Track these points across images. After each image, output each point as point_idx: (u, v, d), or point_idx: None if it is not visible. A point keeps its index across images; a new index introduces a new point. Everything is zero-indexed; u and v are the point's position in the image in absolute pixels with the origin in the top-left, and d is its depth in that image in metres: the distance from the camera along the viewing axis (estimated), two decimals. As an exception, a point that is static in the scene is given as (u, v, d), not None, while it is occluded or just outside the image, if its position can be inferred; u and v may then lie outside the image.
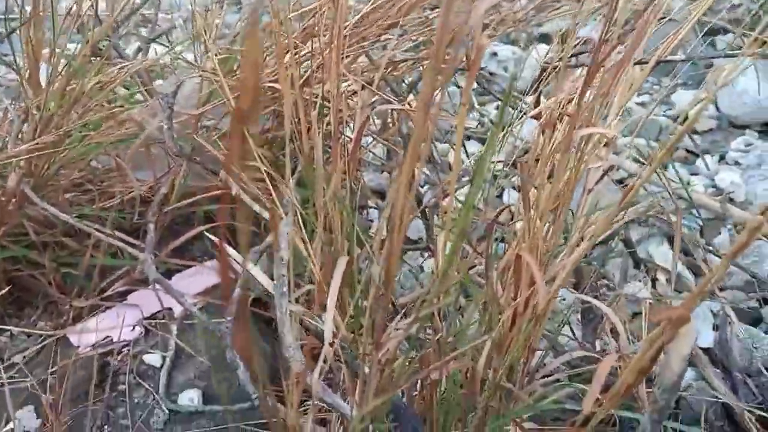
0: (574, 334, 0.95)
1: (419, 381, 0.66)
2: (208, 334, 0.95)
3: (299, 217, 0.83)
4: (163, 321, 0.99)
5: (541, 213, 0.52)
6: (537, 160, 0.86)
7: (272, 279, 0.76)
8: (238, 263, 0.85)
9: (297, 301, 0.77)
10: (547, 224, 0.53)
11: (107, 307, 1.01)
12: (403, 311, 1.01)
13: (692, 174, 1.48)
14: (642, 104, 1.81)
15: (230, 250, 0.74)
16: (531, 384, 0.67)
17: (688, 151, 1.58)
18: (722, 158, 1.54)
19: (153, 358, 0.94)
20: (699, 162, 1.53)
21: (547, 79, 0.99)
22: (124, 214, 1.09)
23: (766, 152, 1.45)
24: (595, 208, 0.71)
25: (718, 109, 1.72)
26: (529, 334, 0.54)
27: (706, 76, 2.10)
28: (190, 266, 1.08)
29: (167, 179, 1.00)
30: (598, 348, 0.96)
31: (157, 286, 0.94)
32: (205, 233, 1.12)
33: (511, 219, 1.37)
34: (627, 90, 0.58)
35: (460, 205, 1.32)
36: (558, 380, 0.72)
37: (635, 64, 0.57)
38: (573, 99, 0.54)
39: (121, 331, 0.96)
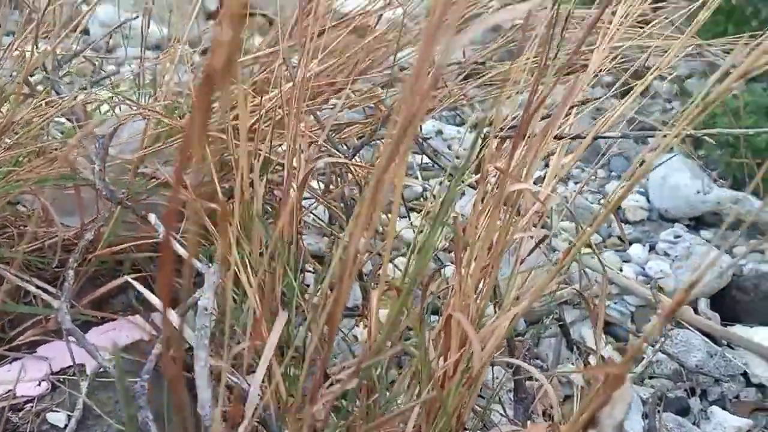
0: (505, 412, 0.93)
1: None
2: (122, 394, 0.88)
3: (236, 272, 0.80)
4: (73, 377, 0.92)
5: (472, 272, 0.51)
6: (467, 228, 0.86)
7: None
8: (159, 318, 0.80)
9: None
10: (479, 284, 0.52)
11: (14, 358, 0.94)
12: (330, 381, 0.97)
13: (624, 261, 1.52)
14: (580, 193, 1.87)
15: (153, 299, 0.70)
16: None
17: (620, 239, 1.62)
18: (652, 248, 1.59)
19: (57, 417, 0.87)
20: (630, 250, 1.58)
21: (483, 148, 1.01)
22: (45, 260, 1.03)
23: (694, 245, 1.51)
24: (527, 281, 0.71)
25: (649, 201, 1.79)
26: (460, 400, 0.52)
27: (636, 170, 2.19)
28: (110, 320, 1.02)
29: (95, 225, 0.95)
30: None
31: (71, 339, 0.88)
32: (133, 282, 1.07)
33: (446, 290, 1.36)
34: (559, 155, 0.59)
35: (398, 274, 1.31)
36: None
37: (575, 138, 0.59)
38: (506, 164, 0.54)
39: (24, 385, 0.88)
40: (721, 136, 1.71)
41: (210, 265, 0.82)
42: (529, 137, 0.47)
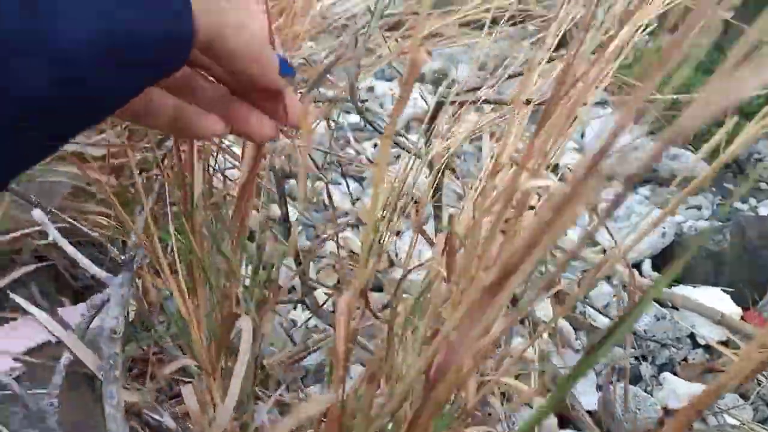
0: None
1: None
2: (28, 410, 0.76)
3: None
4: (-32, 390, 0.79)
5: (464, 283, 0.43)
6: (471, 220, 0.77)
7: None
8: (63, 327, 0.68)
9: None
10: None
11: None
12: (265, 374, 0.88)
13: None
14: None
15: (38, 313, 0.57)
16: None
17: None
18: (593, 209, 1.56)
19: (-51, 441, 0.74)
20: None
21: (437, 116, 0.92)
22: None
23: (633, 203, 1.49)
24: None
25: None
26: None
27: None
28: (10, 319, 0.89)
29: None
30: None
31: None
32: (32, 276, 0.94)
33: (390, 266, 1.29)
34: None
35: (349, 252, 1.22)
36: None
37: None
38: (506, 144, 0.46)
39: None
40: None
41: (121, 261, 0.70)
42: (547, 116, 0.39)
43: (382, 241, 1.03)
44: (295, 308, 1.06)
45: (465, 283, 0.41)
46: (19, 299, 0.65)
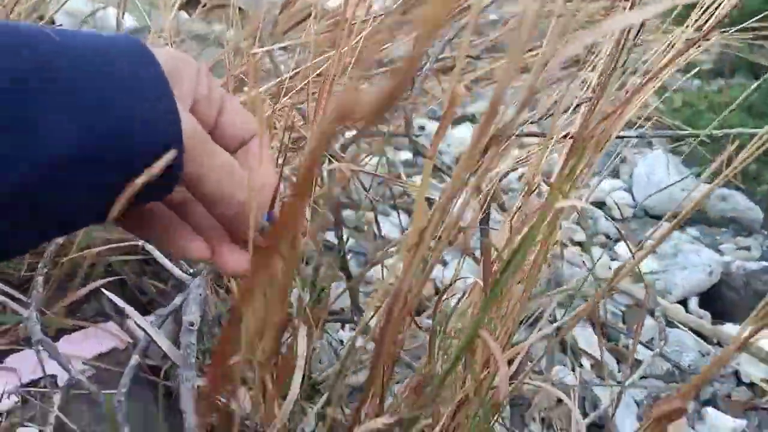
0: (501, 419, 0.90)
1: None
2: (97, 407, 0.83)
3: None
4: (44, 390, 0.86)
5: (506, 290, 0.47)
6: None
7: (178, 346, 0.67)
8: (139, 326, 0.75)
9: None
10: (510, 303, 0.49)
11: (-19, 370, 0.88)
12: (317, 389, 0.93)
13: (612, 260, 1.50)
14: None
15: (130, 310, 0.64)
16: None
17: (607, 236, 1.60)
18: (639, 246, 1.57)
19: (28, 433, 0.81)
20: (616, 248, 1.56)
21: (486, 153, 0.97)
22: (13, 265, 0.97)
23: (681, 242, 1.49)
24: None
25: (634, 198, 1.77)
26: (481, 426, 0.48)
27: (618, 167, 2.18)
28: (81, 327, 0.97)
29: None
30: (525, 436, 0.91)
31: (41, 349, 0.82)
32: (103, 290, 1.01)
33: (435, 294, 1.33)
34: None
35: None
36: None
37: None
38: (536, 172, 0.51)
39: (-7, 398, 0.82)
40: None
41: (193, 270, 0.77)
42: (580, 142, 0.43)
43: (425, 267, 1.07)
44: (343, 328, 1.11)
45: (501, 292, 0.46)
46: (112, 296, 0.72)
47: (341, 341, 1.11)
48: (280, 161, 0.67)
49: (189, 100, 0.36)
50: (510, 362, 0.46)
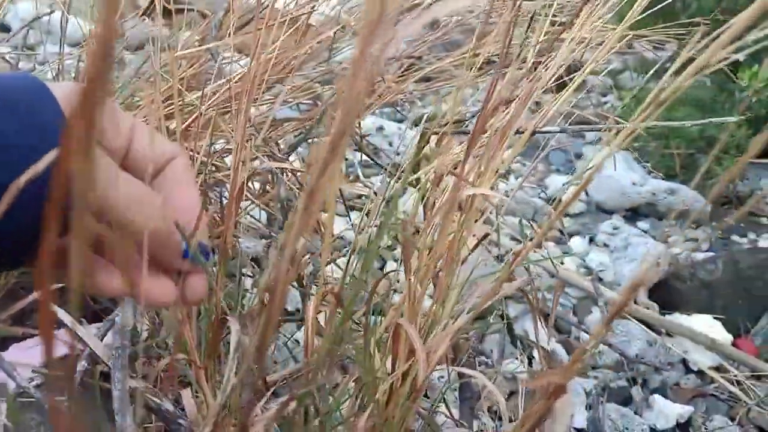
0: (450, 413, 0.91)
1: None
2: (45, 414, 0.82)
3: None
4: (-8, 398, 0.85)
5: (422, 279, 0.49)
6: (418, 231, 0.83)
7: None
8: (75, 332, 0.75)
9: (145, 377, 0.69)
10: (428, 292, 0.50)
11: (-75, 380, 0.86)
12: (273, 389, 0.94)
13: (564, 253, 1.54)
14: (521, 188, 1.88)
15: (63, 315, 0.65)
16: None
17: (560, 231, 1.64)
18: (592, 240, 1.61)
19: (-26, 442, 0.80)
20: (570, 242, 1.59)
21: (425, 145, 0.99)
22: (-42, 274, 0.96)
23: (631, 236, 1.53)
24: (469, 281, 0.70)
25: (587, 193, 1.81)
26: (407, 411, 0.50)
27: (576, 163, 2.22)
28: (32, 335, 0.96)
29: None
30: (475, 428, 0.93)
31: (-13, 357, 0.81)
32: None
33: (391, 290, 1.34)
34: (504, 156, 0.58)
35: (339, 275, 1.28)
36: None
37: (516, 132, 0.58)
38: (457, 163, 0.52)
39: (-64, 409, 0.81)
40: (655, 128, 1.75)
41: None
42: (482, 135, 0.45)
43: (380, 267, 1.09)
44: (298, 328, 1.12)
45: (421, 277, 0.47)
46: (57, 309, 0.71)
47: (297, 341, 1.11)
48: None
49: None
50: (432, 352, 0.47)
